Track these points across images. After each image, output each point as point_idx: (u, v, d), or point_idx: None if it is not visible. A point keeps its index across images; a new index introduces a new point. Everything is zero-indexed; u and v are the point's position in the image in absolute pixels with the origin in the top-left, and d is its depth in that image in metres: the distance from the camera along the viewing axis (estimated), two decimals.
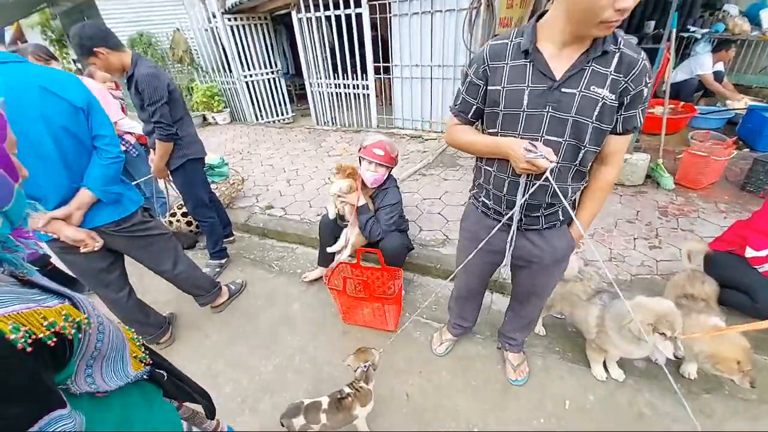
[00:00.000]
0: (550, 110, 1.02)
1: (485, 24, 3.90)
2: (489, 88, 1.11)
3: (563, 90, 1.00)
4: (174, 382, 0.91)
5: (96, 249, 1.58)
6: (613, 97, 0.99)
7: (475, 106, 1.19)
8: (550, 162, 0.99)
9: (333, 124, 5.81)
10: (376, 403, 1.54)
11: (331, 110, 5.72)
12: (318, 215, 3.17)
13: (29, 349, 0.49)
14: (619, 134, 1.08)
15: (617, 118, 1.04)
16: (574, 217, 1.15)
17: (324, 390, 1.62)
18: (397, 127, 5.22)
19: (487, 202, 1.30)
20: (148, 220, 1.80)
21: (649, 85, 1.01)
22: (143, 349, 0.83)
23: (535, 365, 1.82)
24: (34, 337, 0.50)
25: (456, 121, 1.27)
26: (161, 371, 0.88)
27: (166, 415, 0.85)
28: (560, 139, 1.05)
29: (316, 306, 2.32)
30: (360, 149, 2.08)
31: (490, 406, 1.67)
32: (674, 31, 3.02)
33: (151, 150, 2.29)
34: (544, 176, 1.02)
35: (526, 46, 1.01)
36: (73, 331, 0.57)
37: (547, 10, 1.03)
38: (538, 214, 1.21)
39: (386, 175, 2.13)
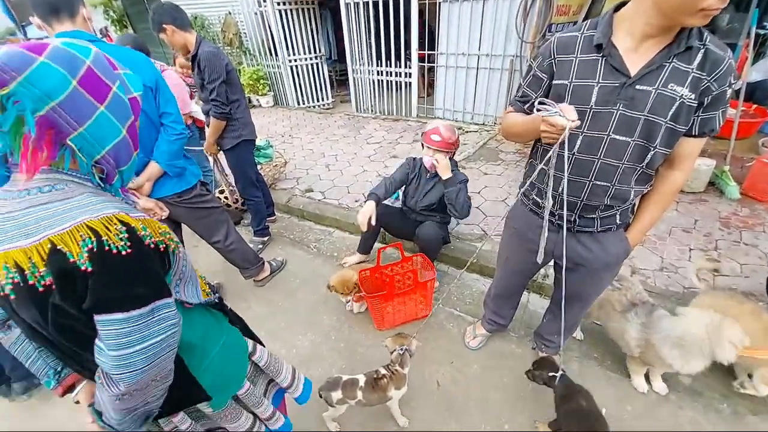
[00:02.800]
0: (621, 108, 0.98)
1: (540, 12, 3.71)
2: (554, 82, 1.08)
3: (638, 87, 0.95)
4: (233, 316, 1.06)
5: (163, 218, 1.72)
6: (693, 96, 0.92)
7: (534, 99, 1.15)
8: (570, 120, 0.90)
9: (372, 111, 5.82)
10: (408, 388, 1.59)
11: (371, 97, 5.73)
12: (356, 201, 3.23)
13: (152, 246, 0.65)
14: (695, 137, 1.01)
15: (694, 120, 0.97)
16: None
17: (357, 369, 1.68)
18: (437, 117, 5.14)
19: (538, 200, 1.27)
20: (206, 194, 1.94)
21: (733, 85, 0.94)
22: (208, 287, 0.96)
23: (571, 370, 1.78)
24: (154, 239, 0.65)
25: (511, 110, 1.24)
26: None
27: (234, 337, 0.99)
28: (629, 139, 1.00)
29: None
30: (422, 135, 2.11)
31: (522, 404, 1.67)
32: (754, 28, 2.75)
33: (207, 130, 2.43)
34: (561, 139, 0.93)
35: (600, 40, 0.97)
36: (173, 244, 0.71)
37: (625, 2, 0.98)
38: (594, 215, 1.17)
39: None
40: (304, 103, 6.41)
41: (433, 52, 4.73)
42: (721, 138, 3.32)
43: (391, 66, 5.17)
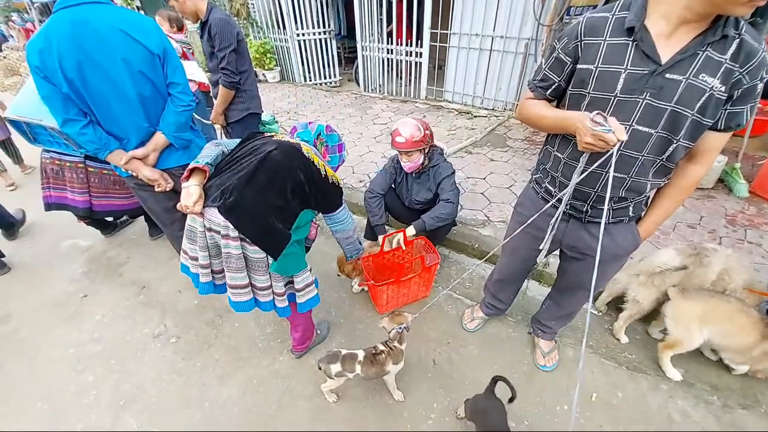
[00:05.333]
0: (647, 97, 0.93)
1: None
2: (579, 66, 1.02)
3: (667, 76, 0.90)
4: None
5: (167, 189, 1.72)
6: (723, 88, 0.88)
7: (556, 84, 1.10)
8: (618, 140, 0.89)
9: (380, 91, 5.71)
10: (404, 364, 1.63)
11: (380, 77, 5.61)
12: (360, 182, 3.22)
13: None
14: (720, 131, 0.97)
15: (722, 113, 0.93)
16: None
17: (356, 344, 1.73)
18: (446, 101, 5.05)
19: (551, 188, 1.25)
20: None
21: (765, 79, 0.90)
22: None
23: (566, 355, 1.82)
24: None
25: (531, 95, 1.19)
26: None
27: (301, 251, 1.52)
28: (651, 131, 0.96)
29: None
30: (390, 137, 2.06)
31: (515, 385, 1.71)
32: None
33: (214, 100, 2.39)
34: (607, 154, 0.92)
35: (633, 23, 0.91)
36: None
37: None
38: (607, 207, 1.16)
39: (421, 160, 2.07)
40: (311, 80, 6.30)
41: (445, 32, 4.59)
42: (735, 135, 3.26)
43: (402, 44, 5.03)
